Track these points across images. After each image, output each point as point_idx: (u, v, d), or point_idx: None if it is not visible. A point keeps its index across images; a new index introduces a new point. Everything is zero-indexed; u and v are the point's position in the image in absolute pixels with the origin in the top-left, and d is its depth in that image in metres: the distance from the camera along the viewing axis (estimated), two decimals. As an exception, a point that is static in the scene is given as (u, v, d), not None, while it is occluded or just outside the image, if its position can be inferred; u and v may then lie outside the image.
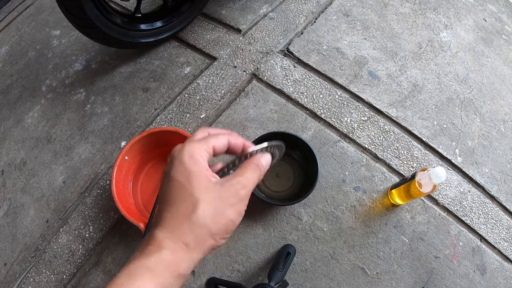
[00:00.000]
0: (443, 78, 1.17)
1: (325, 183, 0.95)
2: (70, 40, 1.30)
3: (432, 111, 1.10)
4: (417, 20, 1.28)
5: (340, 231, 0.91)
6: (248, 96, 1.06)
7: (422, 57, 1.20)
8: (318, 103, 1.06)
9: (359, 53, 1.17)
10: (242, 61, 1.13)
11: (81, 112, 1.13)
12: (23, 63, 1.31)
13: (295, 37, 1.18)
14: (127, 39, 1.05)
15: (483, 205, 1.00)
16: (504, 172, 1.06)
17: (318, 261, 0.88)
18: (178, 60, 1.15)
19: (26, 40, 1.38)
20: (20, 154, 1.10)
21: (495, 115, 1.14)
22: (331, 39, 1.19)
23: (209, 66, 1.12)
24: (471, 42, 1.26)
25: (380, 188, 0.95)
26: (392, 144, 1.02)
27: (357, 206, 0.93)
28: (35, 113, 1.17)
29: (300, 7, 1.26)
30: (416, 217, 0.94)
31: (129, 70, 1.16)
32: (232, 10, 1.24)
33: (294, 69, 1.11)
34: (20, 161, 1.09)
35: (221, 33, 1.20)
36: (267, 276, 0.79)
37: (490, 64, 1.23)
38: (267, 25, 1.21)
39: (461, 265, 0.92)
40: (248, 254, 0.88)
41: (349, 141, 1.01)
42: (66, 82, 1.20)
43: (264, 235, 0.89)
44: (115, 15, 1.02)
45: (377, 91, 1.10)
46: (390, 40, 1.21)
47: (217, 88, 1.08)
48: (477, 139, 1.09)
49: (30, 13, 1.48)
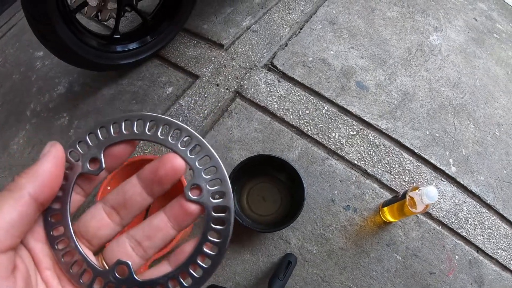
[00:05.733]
0: (434, 84, 1.13)
1: (314, 204, 0.92)
2: (52, 62, 1.28)
3: (423, 120, 1.07)
4: (406, 24, 1.24)
5: (331, 253, 0.88)
6: (232, 115, 1.03)
7: (412, 63, 1.16)
8: (304, 119, 1.03)
9: (346, 63, 1.13)
10: (225, 78, 1.10)
11: (65, 137, 1.11)
12: (8, 86, 1.29)
13: (279, 50, 1.15)
14: (105, 62, 1.03)
15: (479, 215, 0.97)
16: (500, 179, 1.03)
17: (308, 284, 0.86)
18: (160, 80, 1.13)
19: (11, 62, 1.36)
20: (8, 181, 1.09)
21: (489, 119, 1.11)
22: (317, 49, 1.15)
23: (191, 85, 1.09)
24: (462, 43, 1.23)
25: (371, 205, 0.93)
26: (383, 158, 0.99)
27: (347, 226, 0.91)
28: (21, 139, 1.15)
29: (284, 18, 1.22)
30: (410, 233, 0.92)
31: (111, 92, 1.13)
32: (214, 24, 1.21)
33: (279, 84, 1.08)
34: (7, 190, 1.08)
35: (203, 49, 1.17)
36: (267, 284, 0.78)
37: (483, 66, 1.19)
38: (250, 39, 1.18)
39: (458, 279, 0.90)
40: (236, 280, 0.86)
41: (337, 158, 0.98)
42: (50, 106, 1.18)
43: (252, 260, 0.87)
44: (91, 38, 0.99)
45: (365, 103, 1.07)
46: (378, 47, 1.18)
47: (199, 108, 1.05)
48: (471, 146, 1.06)
49: (14, 33, 1.46)
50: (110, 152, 0.25)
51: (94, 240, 0.25)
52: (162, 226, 0.25)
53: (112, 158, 0.25)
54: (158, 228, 0.25)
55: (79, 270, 0.24)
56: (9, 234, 0.20)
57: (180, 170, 0.24)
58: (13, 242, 0.20)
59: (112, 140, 0.25)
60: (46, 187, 0.22)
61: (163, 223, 0.25)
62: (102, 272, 0.24)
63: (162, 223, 0.25)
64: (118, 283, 0.24)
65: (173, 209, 0.25)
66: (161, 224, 0.25)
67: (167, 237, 0.25)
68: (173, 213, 0.25)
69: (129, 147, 0.26)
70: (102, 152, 0.25)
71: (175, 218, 0.25)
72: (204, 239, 0.25)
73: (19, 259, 0.21)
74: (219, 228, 0.25)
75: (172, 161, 0.24)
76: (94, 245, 0.26)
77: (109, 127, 0.25)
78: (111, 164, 0.25)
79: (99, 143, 0.25)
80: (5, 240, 0.20)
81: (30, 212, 0.21)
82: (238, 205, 0.90)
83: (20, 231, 0.21)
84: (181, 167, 0.24)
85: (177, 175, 0.24)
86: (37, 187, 0.22)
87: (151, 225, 0.25)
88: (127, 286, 0.24)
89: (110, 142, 0.25)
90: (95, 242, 0.26)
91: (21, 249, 0.22)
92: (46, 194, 0.22)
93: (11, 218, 0.20)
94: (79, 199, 0.26)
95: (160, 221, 0.25)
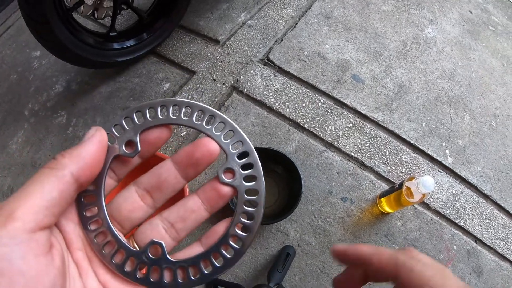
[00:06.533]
0: (430, 76, 1.14)
1: (311, 196, 0.93)
2: (50, 61, 1.29)
3: (420, 112, 1.07)
4: (401, 18, 1.24)
5: (329, 244, 0.89)
6: (229, 110, 1.03)
7: (407, 55, 1.17)
8: (300, 112, 1.03)
9: (341, 56, 1.14)
10: (221, 74, 1.10)
11: (64, 135, 1.11)
12: (6, 86, 1.30)
13: (275, 45, 1.16)
14: (102, 60, 1.03)
15: (476, 206, 0.97)
16: (497, 169, 1.03)
17: (307, 276, 0.86)
18: (157, 77, 1.13)
19: (8, 63, 1.37)
20: (7, 181, 1.09)
21: (485, 110, 1.11)
22: (312, 44, 1.16)
23: (188, 81, 1.10)
24: (458, 36, 1.23)
25: (369, 197, 0.93)
26: (380, 150, 0.99)
27: (345, 217, 0.91)
28: (19, 138, 1.16)
29: (280, 13, 1.23)
30: (407, 224, 0.92)
31: (109, 90, 1.14)
32: (210, 21, 1.22)
33: (275, 78, 1.09)
34: (7, 188, 1.08)
35: (199, 45, 1.17)
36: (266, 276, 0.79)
37: (478, 58, 1.20)
38: (246, 34, 1.18)
39: (456, 269, 0.91)
40: (235, 273, 0.87)
41: (334, 150, 0.99)
42: (48, 105, 1.19)
43: (251, 253, 0.88)
44: (88, 36, 1.00)
45: (361, 95, 1.07)
46: (374, 40, 1.18)
47: (197, 103, 1.06)
48: (468, 137, 1.06)
49: (11, 34, 1.47)
50: (146, 135, 0.25)
51: (126, 222, 0.26)
52: (196, 208, 0.25)
53: (148, 141, 0.26)
54: (192, 210, 0.26)
55: (112, 250, 0.24)
56: (49, 212, 0.20)
57: (214, 154, 0.25)
58: (51, 220, 0.21)
59: (148, 124, 0.25)
60: (88, 169, 0.22)
61: (196, 205, 0.26)
62: (135, 253, 0.24)
63: (195, 205, 0.26)
64: (150, 263, 0.24)
65: (206, 191, 0.26)
66: (194, 206, 0.26)
67: (200, 219, 0.26)
68: (206, 196, 0.26)
69: (165, 131, 0.26)
70: (138, 135, 0.25)
71: (208, 200, 0.26)
72: (236, 220, 0.25)
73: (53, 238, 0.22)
74: (251, 210, 0.25)
75: (207, 145, 0.25)
76: (125, 228, 0.26)
77: (145, 112, 0.26)
78: (147, 147, 0.26)
79: (135, 126, 0.25)
80: (45, 218, 0.20)
81: (70, 192, 0.22)
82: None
83: (59, 210, 0.21)
84: (215, 150, 0.25)
85: (211, 158, 0.25)
86: (80, 168, 0.22)
87: (185, 207, 0.26)
88: (160, 265, 0.24)
89: (146, 126, 0.25)
90: (127, 224, 0.26)
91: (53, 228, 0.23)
92: (87, 175, 0.22)
93: (52, 196, 0.20)
94: (112, 183, 0.26)
95: (194, 203, 0.26)
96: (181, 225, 0.26)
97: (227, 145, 0.25)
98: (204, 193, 0.26)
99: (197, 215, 0.26)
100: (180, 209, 0.26)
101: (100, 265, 0.24)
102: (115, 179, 0.26)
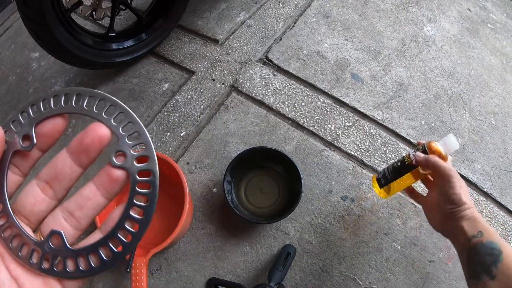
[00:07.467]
0: (429, 74, 1.14)
1: (311, 195, 0.93)
2: (49, 62, 1.29)
3: (419, 110, 1.07)
4: (400, 16, 1.24)
5: (329, 243, 0.89)
6: (228, 109, 1.03)
7: (406, 54, 1.17)
8: (300, 111, 1.03)
9: (340, 55, 1.14)
10: (220, 73, 1.10)
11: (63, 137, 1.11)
12: (5, 88, 1.30)
13: (274, 44, 1.16)
14: (101, 60, 1.03)
15: (476, 203, 0.97)
16: (497, 167, 1.03)
17: (308, 275, 0.86)
18: (156, 77, 1.13)
19: (7, 64, 1.36)
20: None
21: (485, 108, 1.11)
22: (311, 42, 1.16)
23: (187, 81, 1.10)
24: (456, 34, 1.23)
25: (369, 195, 0.93)
26: (379, 148, 0.99)
27: (345, 216, 0.91)
28: (18, 140, 1.16)
29: (278, 12, 1.23)
30: (408, 222, 0.92)
31: (108, 90, 1.14)
32: (209, 20, 1.22)
33: (274, 78, 1.09)
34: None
35: (198, 45, 1.17)
36: (267, 276, 0.79)
37: (477, 55, 1.20)
38: (244, 33, 1.18)
39: (457, 267, 0.90)
40: (236, 273, 0.87)
41: (334, 149, 0.99)
42: (47, 106, 1.19)
43: (251, 252, 0.88)
44: (87, 37, 1.00)
45: (361, 94, 1.07)
46: (373, 39, 1.18)
47: (196, 103, 1.05)
48: (467, 135, 1.06)
49: (9, 35, 1.46)
50: (40, 127, 0.26)
51: (32, 216, 0.26)
52: (91, 195, 0.26)
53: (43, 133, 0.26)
54: (88, 197, 0.26)
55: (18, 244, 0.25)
56: None
57: (104, 138, 0.25)
58: None
59: (42, 116, 0.26)
60: None
61: (92, 193, 0.26)
62: (38, 243, 0.25)
63: (91, 193, 0.26)
64: (53, 253, 0.25)
65: (100, 177, 0.26)
66: (90, 193, 0.26)
67: (98, 205, 0.26)
68: (100, 182, 0.26)
69: (60, 121, 0.26)
70: (33, 128, 0.26)
71: (103, 186, 0.26)
72: (130, 203, 0.25)
73: None
74: (145, 192, 0.25)
75: (97, 129, 0.25)
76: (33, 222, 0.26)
77: (39, 104, 0.26)
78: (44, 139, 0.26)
79: (31, 120, 0.26)
80: None
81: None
82: (237, 198, 0.91)
83: None
84: (105, 135, 0.25)
85: (102, 143, 0.25)
86: None
87: (82, 195, 0.26)
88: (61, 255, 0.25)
89: (41, 118, 0.26)
90: (33, 218, 0.26)
91: None
92: None
93: None
94: (17, 179, 0.26)
95: (89, 191, 0.26)
96: (80, 213, 0.26)
97: (117, 127, 0.25)
98: (99, 179, 0.26)
99: (93, 202, 0.26)
100: (78, 197, 0.26)
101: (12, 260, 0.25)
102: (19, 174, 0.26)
